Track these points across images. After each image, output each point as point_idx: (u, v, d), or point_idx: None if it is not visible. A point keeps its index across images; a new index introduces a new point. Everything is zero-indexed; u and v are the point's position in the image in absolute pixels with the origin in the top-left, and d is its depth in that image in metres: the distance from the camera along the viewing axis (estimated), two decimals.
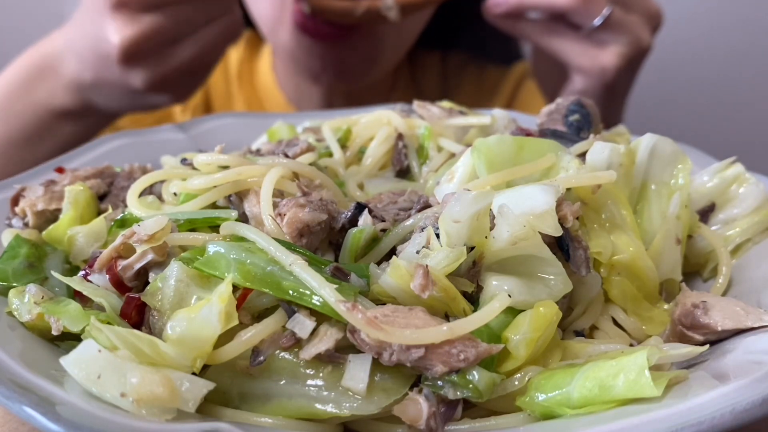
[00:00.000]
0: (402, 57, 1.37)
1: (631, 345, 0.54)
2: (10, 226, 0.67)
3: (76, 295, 0.53)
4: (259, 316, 0.48)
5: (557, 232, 0.49)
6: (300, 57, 1.24)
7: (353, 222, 0.56)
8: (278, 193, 0.58)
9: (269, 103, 1.44)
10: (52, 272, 0.57)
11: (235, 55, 1.47)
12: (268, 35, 1.29)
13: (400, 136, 0.74)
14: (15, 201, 0.67)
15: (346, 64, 1.23)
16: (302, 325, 0.45)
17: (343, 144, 0.77)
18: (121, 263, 0.52)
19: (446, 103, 0.84)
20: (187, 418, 0.42)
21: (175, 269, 0.49)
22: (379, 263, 0.53)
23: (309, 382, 0.45)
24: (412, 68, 1.53)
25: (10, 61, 1.16)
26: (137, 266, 0.52)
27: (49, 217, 0.66)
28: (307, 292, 0.45)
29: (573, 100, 0.76)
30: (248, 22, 1.47)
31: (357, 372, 0.44)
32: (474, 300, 0.50)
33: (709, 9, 2.03)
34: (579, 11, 1.05)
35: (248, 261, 0.47)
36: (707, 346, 0.50)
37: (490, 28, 1.53)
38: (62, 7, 2.38)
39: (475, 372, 0.43)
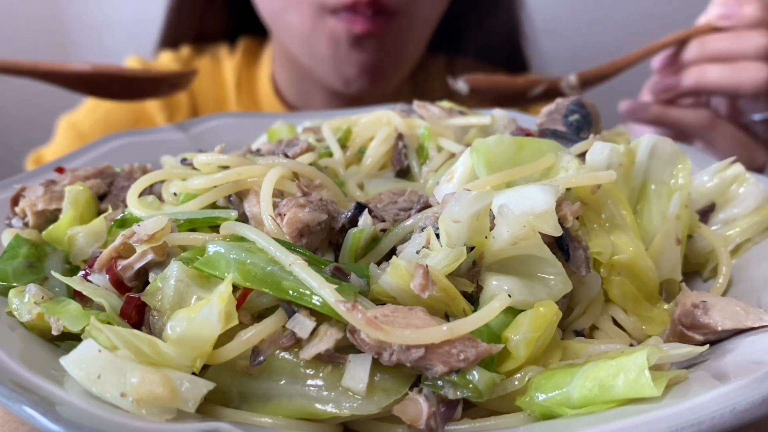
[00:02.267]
0: (419, 56, 1.38)
1: (631, 345, 0.54)
2: (10, 226, 0.67)
3: (76, 295, 0.53)
4: (259, 316, 0.48)
5: (557, 232, 0.49)
6: (336, 65, 1.24)
7: (353, 222, 0.56)
8: (278, 193, 0.58)
9: (269, 111, 1.44)
10: (52, 272, 0.57)
11: (229, 63, 1.46)
12: (299, 46, 1.28)
13: (400, 136, 0.74)
14: (15, 201, 0.67)
15: (378, 68, 1.24)
16: (302, 325, 0.45)
17: (343, 144, 0.77)
18: (121, 263, 0.52)
19: (446, 103, 0.84)
20: (187, 418, 0.42)
21: (175, 269, 0.49)
22: (379, 263, 0.53)
23: (309, 382, 0.45)
24: (414, 72, 1.53)
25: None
26: (137, 266, 0.52)
27: (49, 217, 0.66)
28: (307, 292, 0.45)
29: (573, 100, 0.76)
30: (244, 30, 1.47)
31: (357, 372, 0.44)
32: (474, 300, 0.50)
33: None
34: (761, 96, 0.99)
35: (248, 261, 0.47)
36: (707, 346, 0.50)
37: (494, 33, 1.52)
38: (61, 7, 2.39)
39: (475, 372, 0.43)
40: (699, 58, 1.01)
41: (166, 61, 1.44)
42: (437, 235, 0.51)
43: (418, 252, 0.51)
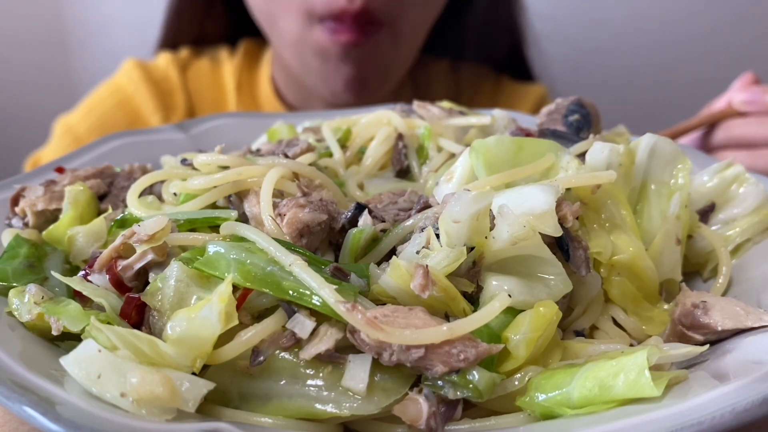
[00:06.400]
0: (409, 66, 1.38)
1: (631, 345, 0.54)
2: (10, 226, 0.67)
3: (76, 295, 0.53)
4: (259, 316, 0.48)
5: (557, 232, 0.49)
6: (324, 77, 1.25)
7: (353, 222, 0.56)
8: (278, 194, 0.58)
9: (269, 112, 1.44)
10: (52, 272, 0.57)
11: (229, 65, 1.45)
12: (291, 54, 1.28)
13: (400, 136, 0.74)
14: (15, 201, 0.67)
15: (363, 81, 1.25)
16: (302, 325, 0.45)
17: (343, 144, 0.77)
18: (121, 263, 0.52)
19: (446, 103, 0.84)
20: (187, 418, 0.42)
21: (175, 269, 0.49)
22: (379, 263, 0.53)
23: (309, 382, 0.45)
24: (415, 75, 1.53)
25: (8, 59, 1.16)
26: (137, 266, 0.52)
27: (49, 217, 0.66)
28: (307, 293, 0.45)
29: (573, 100, 0.76)
30: (245, 32, 1.47)
31: (357, 372, 0.44)
32: (474, 300, 0.50)
33: (710, 9, 2.04)
34: None
35: (248, 261, 0.47)
36: (707, 346, 0.50)
37: (496, 37, 1.52)
38: (61, 7, 2.39)
39: (475, 372, 0.43)
40: (724, 142, 1.03)
41: (164, 62, 1.43)
42: (437, 236, 0.51)
43: (418, 252, 0.51)
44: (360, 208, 0.56)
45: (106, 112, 1.39)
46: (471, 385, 0.43)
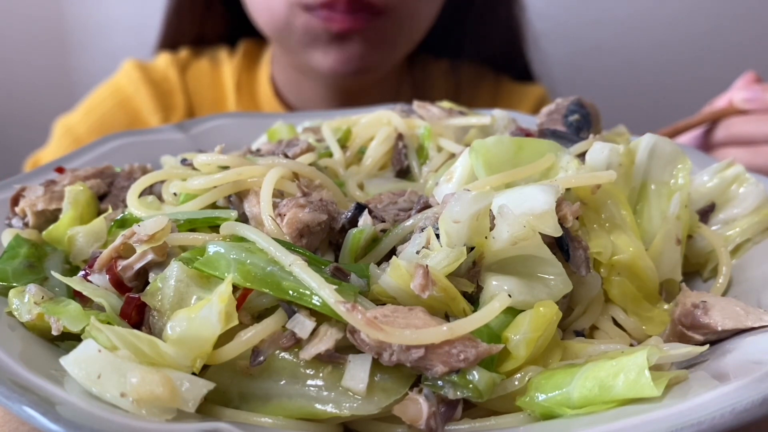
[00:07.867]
0: (410, 51, 1.37)
1: (631, 345, 0.54)
2: (10, 226, 0.67)
3: (76, 295, 0.53)
4: (259, 316, 0.48)
5: (557, 232, 0.49)
6: (315, 59, 1.24)
7: (353, 222, 0.56)
8: (278, 194, 0.58)
9: (269, 112, 1.44)
10: (52, 272, 0.57)
11: (228, 66, 1.46)
12: (278, 39, 1.28)
13: (400, 136, 0.74)
14: (15, 201, 0.67)
15: (362, 60, 1.24)
16: (302, 325, 0.46)
17: (343, 144, 0.77)
18: (121, 263, 0.52)
19: (446, 103, 0.84)
20: (187, 418, 0.42)
21: (175, 269, 0.49)
22: (379, 263, 0.53)
23: (309, 382, 0.45)
24: (414, 75, 1.52)
25: (8, 59, 1.16)
26: (137, 266, 0.52)
27: (49, 217, 0.66)
28: (307, 293, 0.45)
29: (573, 100, 0.76)
30: (244, 32, 1.47)
31: (357, 372, 0.44)
32: (474, 300, 0.50)
33: (710, 9, 2.04)
34: None
35: (248, 261, 0.47)
36: (707, 346, 0.50)
37: (496, 37, 1.52)
38: (61, 7, 2.39)
39: (475, 372, 0.43)
40: (724, 140, 1.03)
41: (164, 62, 1.44)
42: (437, 236, 0.51)
43: (418, 252, 0.51)
44: (360, 208, 0.56)
45: (106, 112, 1.39)
46: (471, 385, 0.43)
